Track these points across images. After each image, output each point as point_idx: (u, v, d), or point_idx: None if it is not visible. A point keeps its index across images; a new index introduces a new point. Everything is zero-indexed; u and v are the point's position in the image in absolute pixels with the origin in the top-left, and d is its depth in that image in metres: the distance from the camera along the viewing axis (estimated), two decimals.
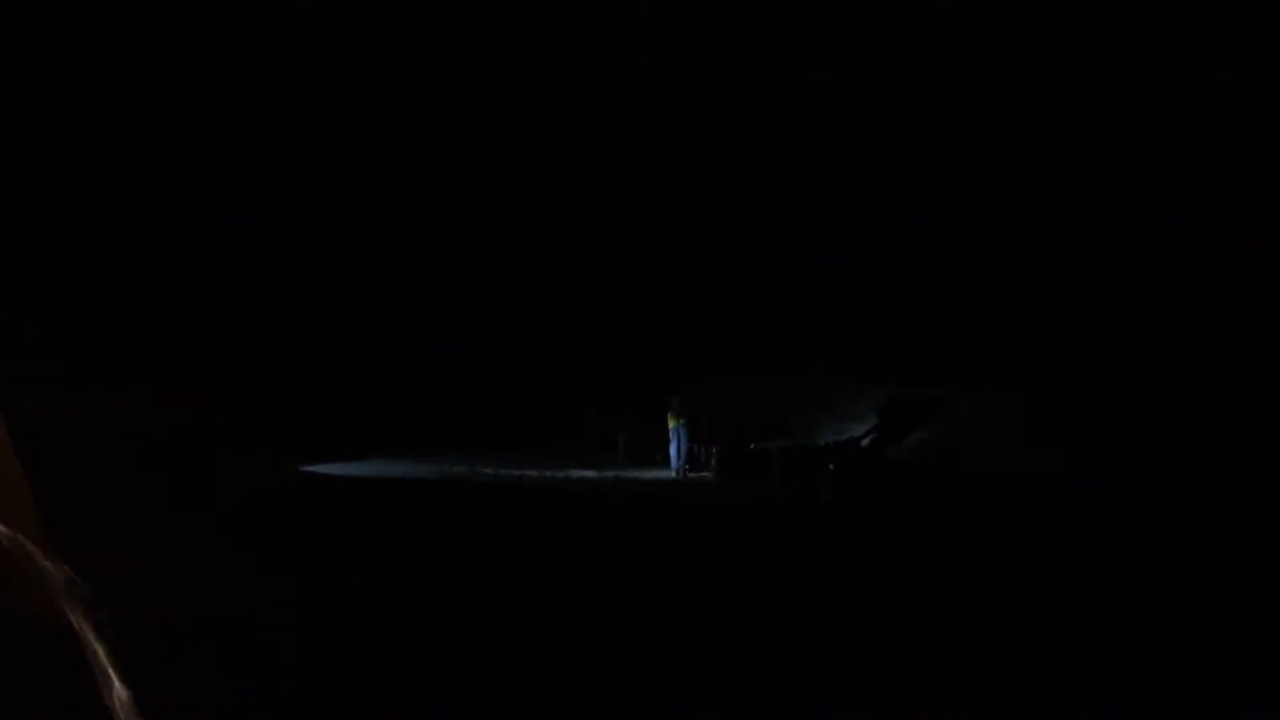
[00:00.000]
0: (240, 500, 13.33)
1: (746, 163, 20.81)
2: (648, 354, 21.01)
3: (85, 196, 21.21)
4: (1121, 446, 14.37)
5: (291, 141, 21.94)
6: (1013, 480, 13.72)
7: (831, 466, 15.94)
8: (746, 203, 20.89)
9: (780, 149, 20.55)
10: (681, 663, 6.47)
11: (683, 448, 17.85)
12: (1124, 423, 14.85)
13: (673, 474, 17.75)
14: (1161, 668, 6.92)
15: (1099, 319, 17.03)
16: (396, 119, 22.18)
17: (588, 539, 11.61)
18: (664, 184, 21.29)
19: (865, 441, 17.06)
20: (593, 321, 21.68)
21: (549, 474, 17.52)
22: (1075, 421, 15.40)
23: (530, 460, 18.46)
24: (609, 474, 17.94)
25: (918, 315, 18.98)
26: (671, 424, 17.93)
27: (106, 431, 16.04)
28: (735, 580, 9.19)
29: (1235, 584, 9.20)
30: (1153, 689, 6.44)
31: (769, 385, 19.88)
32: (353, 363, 21.30)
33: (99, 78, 20.41)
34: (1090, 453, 14.44)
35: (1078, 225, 17.63)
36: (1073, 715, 5.99)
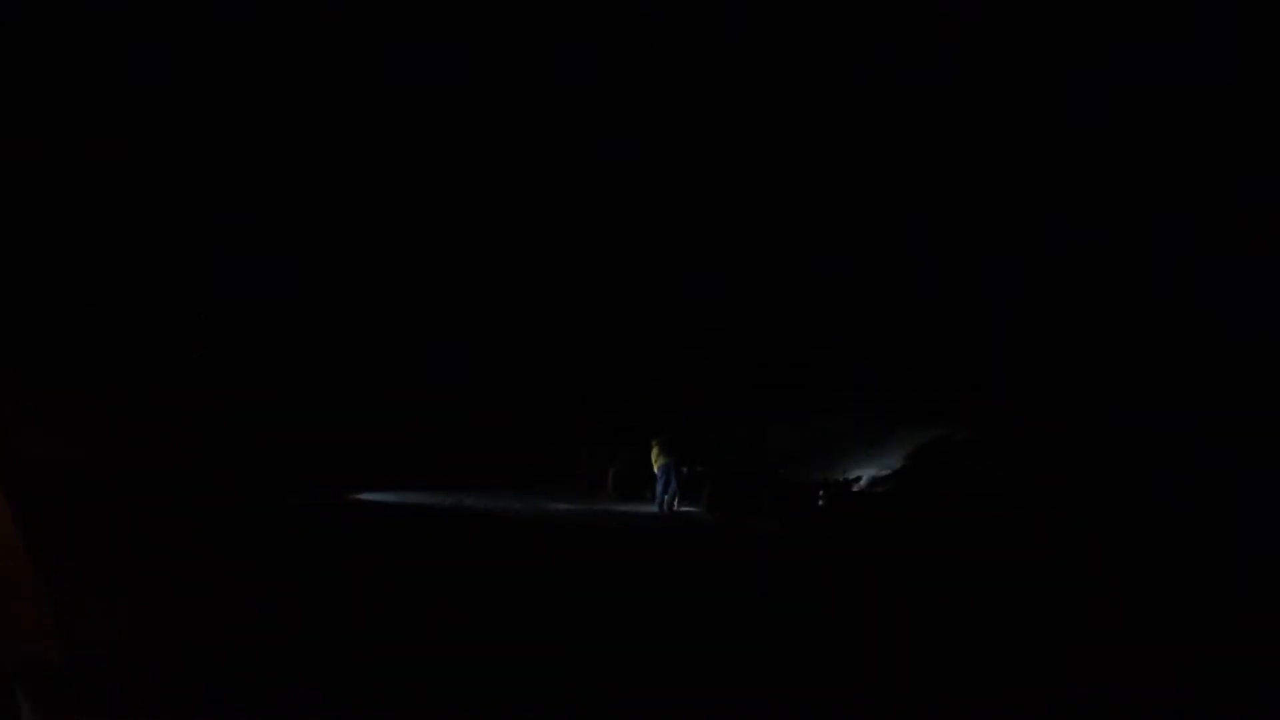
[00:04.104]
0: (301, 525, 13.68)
1: (747, 165, 20.76)
2: (645, 367, 20.96)
3: (89, 201, 21.20)
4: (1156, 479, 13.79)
5: (287, 149, 21.88)
6: (1021, 514, 13.40)
7: (821, 502, 15.69)
8: (749, 206, 20.84)
9: (781, 150, 20.49)
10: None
11: (672, 485, 17.72)
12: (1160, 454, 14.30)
13: (655, 509, 17.67)
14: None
15: (1125, 336, 16.64)
16: (396, 120, 22.15)
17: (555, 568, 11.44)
18: (665, 187, 21.24)
19: (863, 480, 16.74)
20: (589, 341, 21.60)
21: (532, 506, 17.52)
22: (1104, 456, 14.91)
23: (515, 494, 18.47)
24: (598, 508, 17.91)
25: (921, 330, 18.83)
26: (658, 462, 17.80)
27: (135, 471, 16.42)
28: (703, 614, 8.94)
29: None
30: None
31: (764, 420, 19.77)
32: (349, 395, 21.30)
33: (98, 80, 20.38)
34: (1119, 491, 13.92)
35: (1093, 232, 17.43)
36: None
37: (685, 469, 18.08)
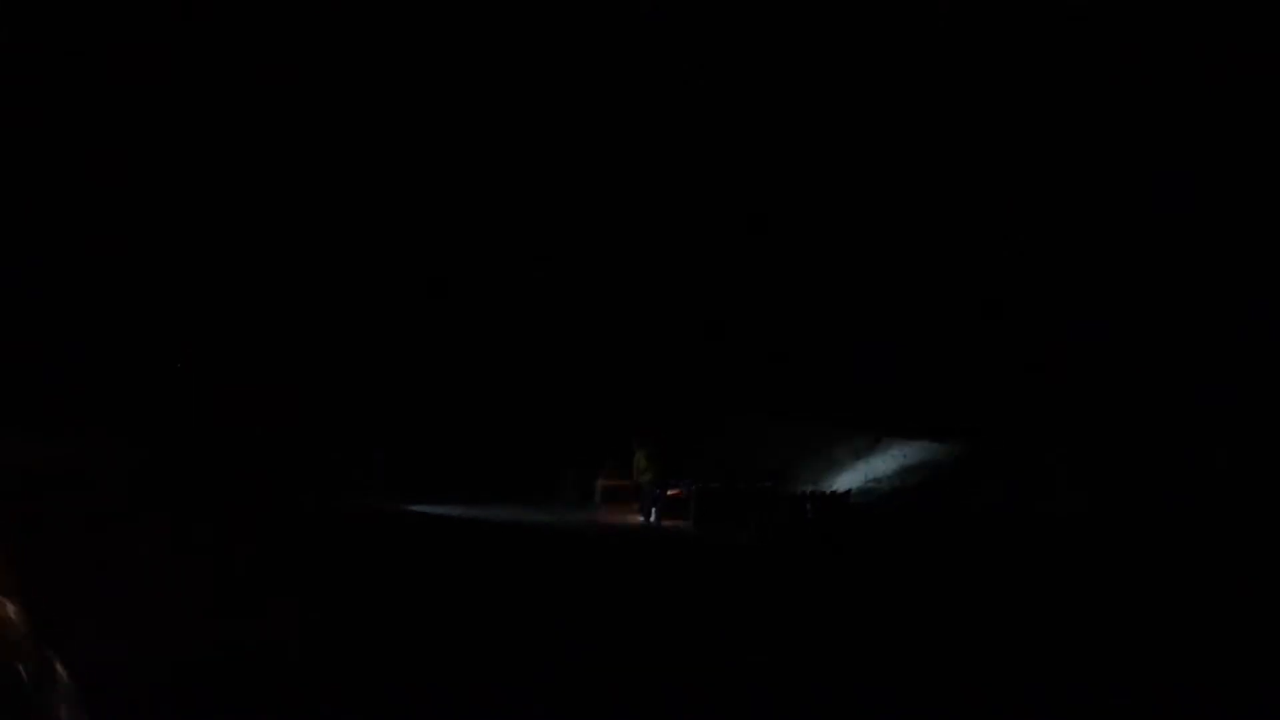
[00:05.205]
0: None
1: (743, 166, 20.59)
2: (635, 377, 20.79)
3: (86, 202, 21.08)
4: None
5: (289, 153, 21.74)
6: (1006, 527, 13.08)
7: (809, 514, 15.54)
8: (741, 209, 20.63)
9: (776, 149, 20.29)
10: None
11: (657, 497, 17.66)
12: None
13: (640, 520, 17.64)
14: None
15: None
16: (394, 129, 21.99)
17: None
18: (660, 189, 21.07)
19: (854, 492, 16.50)
20: (579, 351, 21.44)
21: (517, 517, 17.50)
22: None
23: (501, 505, 18.45)
24: (585, 520, 17.88)
25: (913, 339, 18.59)
26: (644, 474, 17.75)
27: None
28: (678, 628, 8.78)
29: None
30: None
31: (753, 432, 19.61)
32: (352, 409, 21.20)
33: (93, 84, 20.26)
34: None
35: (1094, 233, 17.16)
36: None
37: (672, 480, 18.01)
